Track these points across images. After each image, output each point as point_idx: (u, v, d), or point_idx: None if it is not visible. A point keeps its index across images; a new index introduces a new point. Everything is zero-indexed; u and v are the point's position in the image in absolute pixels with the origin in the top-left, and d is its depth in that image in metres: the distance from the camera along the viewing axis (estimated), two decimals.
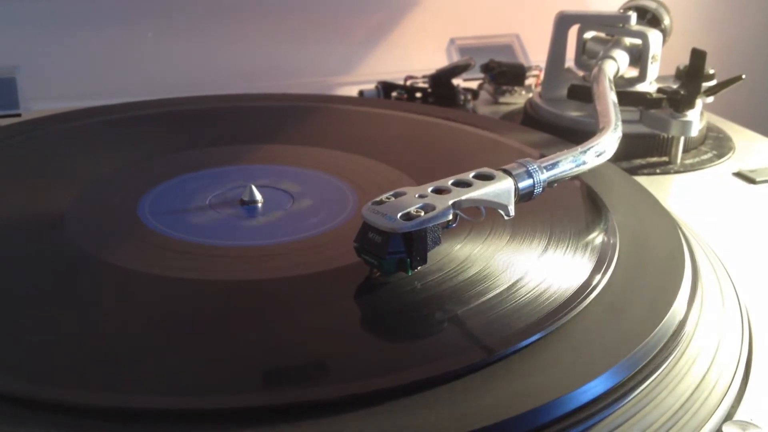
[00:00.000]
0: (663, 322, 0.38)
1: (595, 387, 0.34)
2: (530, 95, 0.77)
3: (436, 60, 0.88)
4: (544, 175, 0.42)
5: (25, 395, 0.32)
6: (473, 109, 0.79)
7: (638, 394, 0.35)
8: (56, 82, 0.81)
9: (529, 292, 0.40)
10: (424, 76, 0.79)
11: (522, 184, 0.42)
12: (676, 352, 0.38)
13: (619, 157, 0.61)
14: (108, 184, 0.54)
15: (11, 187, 0.53)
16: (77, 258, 0.44)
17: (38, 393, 0.32)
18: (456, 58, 0.90)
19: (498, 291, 0.40)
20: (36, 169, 0.56)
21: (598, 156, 0.47)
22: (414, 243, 0.38)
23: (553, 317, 0.37)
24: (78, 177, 0.54)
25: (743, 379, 0.39)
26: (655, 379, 0.36)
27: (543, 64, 0.75)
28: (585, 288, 0.40)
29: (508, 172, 0.41)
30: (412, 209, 0.38)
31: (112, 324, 0.38)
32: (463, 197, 0.39)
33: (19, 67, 0.77)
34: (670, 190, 0.61)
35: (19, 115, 0.75)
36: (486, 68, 0.82)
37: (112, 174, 0.55)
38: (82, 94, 0.78)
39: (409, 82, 0.79)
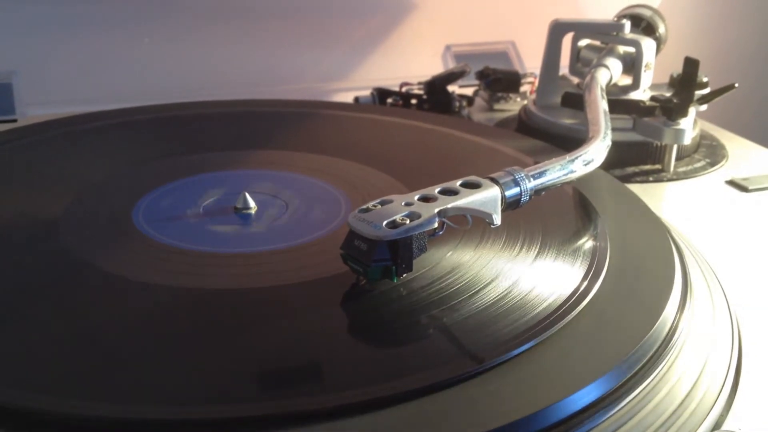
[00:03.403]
0: (653, 330, 0.38)
1: (585, 396, 0.34)
2: (525, 102, 0.78)
3: (432, 66, 0.88)
4: (531, 184, 0.42)
5: (19, 404, 0.32)
6: (468, 115, 0.79)
7: (628, 402, 0.35)
8: (52, 88, 0.81)
9: (520, 299, 0.40)
10: (419, 83, 0.79)
11: (509, 193, 0.42)
12: (666, 360, 0.38)
13: (612, 165, 0.62)
14: (103, 190, 0.54)
15: (5, 192, 0.53)
16: (71, 264, 0.44)
17: (32, 401, 0.32)
18: (452, 65, 0.90)
19: (489, 299, 0.40)
20: (31, 174, 0.57)
21: (586, 165, 0.47)
22: (399, 250, 0.38)
23: (544, 326, 0.38)
24: (73, 183, 0.54)
25: (732, 387, 0.39)
26: (644, 387, 0.36)
27: (538, 71, 0.75)
28: (575, 296, 0.40)
29: (495, 181, 0.41)
30: (397, 217, 0.38)
31: (105, 331, 0.38)
32: (449, 205, 0.39)
33: (15, 72, 0.78)
34: (663, 198, 0.61)
35: (15, 121, 0.75)
36: (481, 75, 0.82)
37: (107, 180, 0.55)
38: (79, 99, 0.78)
39: (404, 89, 0.79)
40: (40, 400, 0.32)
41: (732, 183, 0.63)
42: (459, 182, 0.41)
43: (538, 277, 0.42)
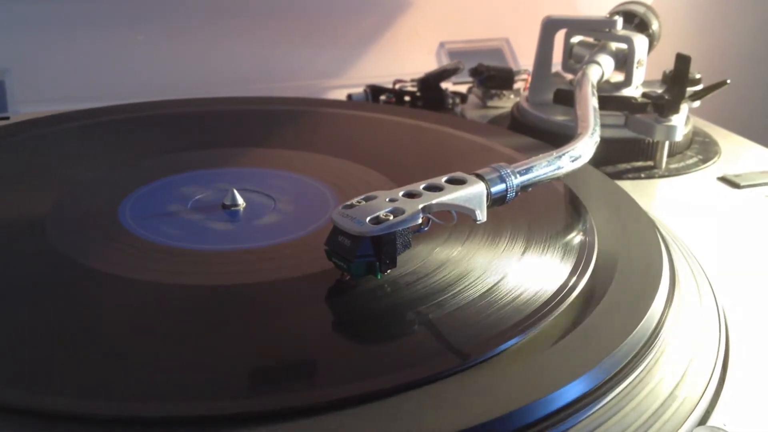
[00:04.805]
0: (639, 326, 0.38)
1: (570, 391, 0.34)
2: (518, 99, 0.78)
3: (426, 63, 0.88)
4: (517, 180, 0.42)
5: (5, 402, 0.32)
6: (461, 112, 0.79)
7: (613, 398, 0.35)
8: (46, 85, 0.81)
9: (506, 296, 0.40)
10: (412, 80, 0.79)
11: (494, 189, 0.42)
12: (651, 356, 0.38)
13: (603, 162, 0.62)
14: (90, 187, 0.54)
15: None
16: (57, 263, 0.44)
17: (16, 398, 0.32)
18: (446, 62, 0.90)
19: (474, 295, 0.40)
20: (19, 172, 0.57)
21: (573, 161, 0.47)
22: (383, 246, 0.38)
23: (529, 322, 0.38)
24: (61, 180, 0.54)
25: (719, 383, 0.39)
26: (630, 383, 0.36)
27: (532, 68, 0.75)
28: (562, 291, 0.40)
29: (480, 177, 0.41)
30: (381, 213, 0.38)
31: (92, 330, 0.38)
32: (433, 201, 0.39)
33: (7, 70, 0.78)
34: (655, 195, 0.61)
35: (7, 118, 0.75)
36: (475, 72, 0.82)
37: (95, 177, 0.55)
38: (72, 97, 0.78)
39: (397, 86, 0.79)
40: (32, 398, 0.32)
41: (724, 179, 0.63)
42: (444, 178, 0.41)
43: (524, 273, 0.42)
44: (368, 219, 0.38)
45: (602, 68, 0.66)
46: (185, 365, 0.35)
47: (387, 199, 0.39)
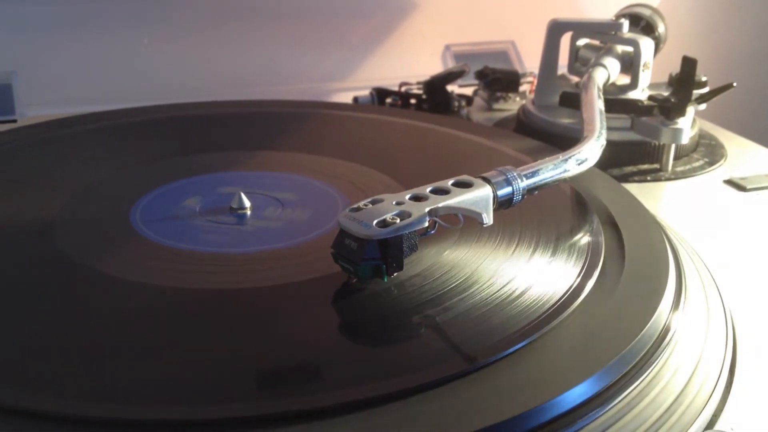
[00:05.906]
0: (646, 329, 0.38)
1: (577, 394, 0.34)
2: (524, 102, 0.78)
3: (432, 66, 0.88)
4: (523, 183, 0.42)
5: (11, 404, 0.32)
6: (467, 115, 0.79)
7: (620, 401, 0.35)
8: (52, 88, 0.82)
9: (514, 298, 0.40)
10: (418, 83, 0.79)
11: (501, 192, 0.42)
12: (658, 359, 0.38)
13: (610, 165, 0.62)
14: (100, 190, 0.54)
15: (3, 193, 0.54)
16: (67, 265, 0.44)
17: (27, 401, 0.32)
18: (451, 65, 0.90)
19: (481, 298, 0.40)
20: (28, 175, 0.57)
21: (579, 164, 0.47)
22: (390, 250, 0.38)
23: (538, 324, 0.38)
24: (70, 183, 0.54)
25: (726, 387, 0.39)
26: (637, 386, 0.36)
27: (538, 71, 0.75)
28: (570, 294, 0.40)
29: (487, 180, 0.41)
30: (387, 216, 0.38)
31: (100, 332, 0.38)
32: (440, 205, 0.39)
33: (15, 72, 0.78)
34: (661, 198, 0.61)
35: (15, 121, 0.75)
36: (480, 75, 0.82)
37: (105, 181, 0.55)
38: (78, 100, 0.79)
39: (403, 89, 0.79)
40: (36, 399, 0.32)
41: (730, 182, 0.63)
42: (451, 181, 0.41)
43: (532, 276, 0.42)
44: (375, 222, 0.38)
45: (608, 71, 0.66)
46: (192, 368, 0.35)
47: (393, 202, 0.39)
